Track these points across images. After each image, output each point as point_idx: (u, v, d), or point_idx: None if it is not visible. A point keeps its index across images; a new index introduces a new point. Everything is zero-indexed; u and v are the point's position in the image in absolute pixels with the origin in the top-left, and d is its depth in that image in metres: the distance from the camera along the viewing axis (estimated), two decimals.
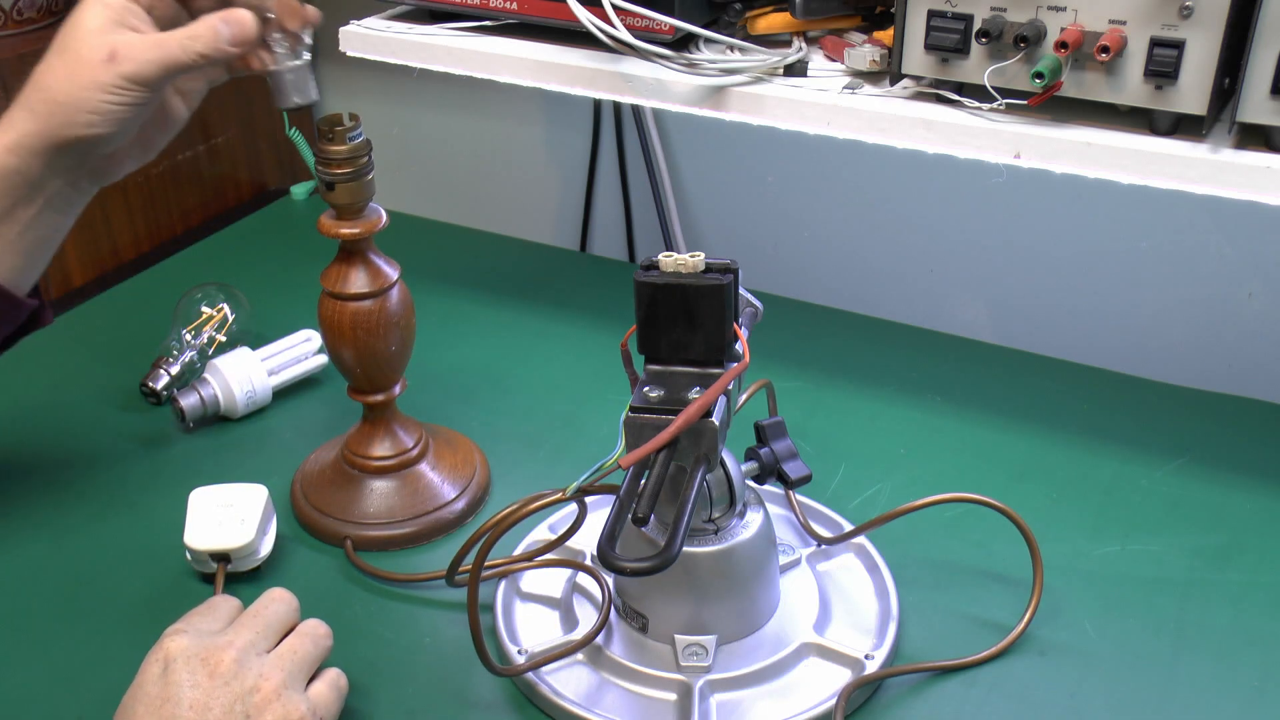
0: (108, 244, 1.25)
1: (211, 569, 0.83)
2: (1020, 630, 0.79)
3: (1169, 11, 0.72)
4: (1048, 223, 1.15)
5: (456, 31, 0.98)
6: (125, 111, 0.75)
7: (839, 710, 0.71)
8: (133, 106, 0.75)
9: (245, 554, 0.83)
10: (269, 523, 0.86)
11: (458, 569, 0.77)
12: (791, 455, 0.81)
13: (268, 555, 0.85)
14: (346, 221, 0.82)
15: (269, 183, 1.43)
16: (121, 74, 0.74)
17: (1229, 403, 1.02)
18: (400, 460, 0.90)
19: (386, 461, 0.89)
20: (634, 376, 0.72)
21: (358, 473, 0.90)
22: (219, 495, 0.85)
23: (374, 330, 0.84)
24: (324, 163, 0.80)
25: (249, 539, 0.83)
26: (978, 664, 0.77)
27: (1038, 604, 0.80)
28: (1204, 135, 0.76)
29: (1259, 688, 0.75)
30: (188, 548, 0.83)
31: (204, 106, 0.86)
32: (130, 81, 0.74)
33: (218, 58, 0.76)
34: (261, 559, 0.84)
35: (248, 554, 0.83)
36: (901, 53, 0.81)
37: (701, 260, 0.68)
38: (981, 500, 0.81)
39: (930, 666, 0.76)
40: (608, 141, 1.32)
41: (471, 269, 1.25)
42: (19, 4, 1.17)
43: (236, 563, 0.83)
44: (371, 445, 0.90)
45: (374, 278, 0.84)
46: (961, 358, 1.09)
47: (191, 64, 0.75)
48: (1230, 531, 0.88)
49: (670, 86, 0.89)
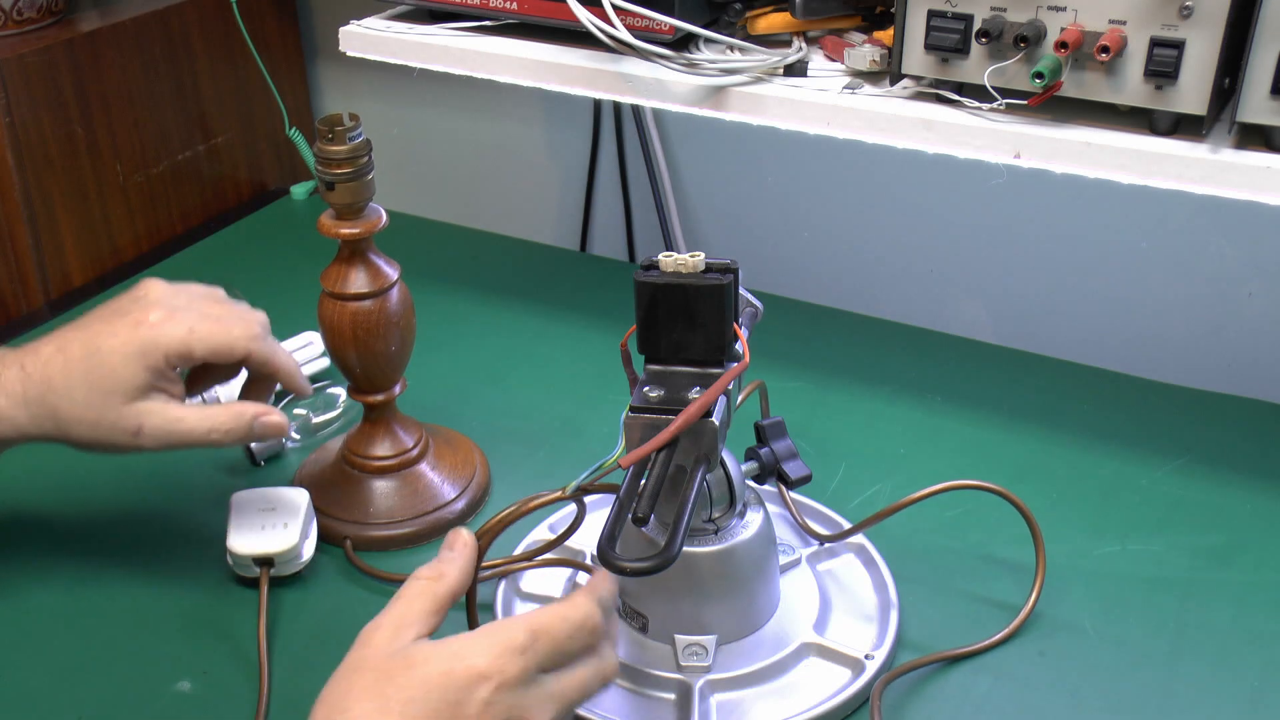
0: (108, 244, 1.25)
1: (254, 573, 0.82)
2: (1028, 611, 0.79)
3: (1169, 11, 0.72)
4: (1048, 223, 1.15)
5: (456, 31, 0.98)
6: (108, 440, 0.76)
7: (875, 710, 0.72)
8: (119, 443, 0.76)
9: (289, 558, 0.82)
10: (310, 526, 0.85)
11: None
12: (791, 455, 0.81)
13: (309, 559, 0.84)
14: (346, 221, 0.82)
15: (269, 183, 1.43)
16: (140, 447, 0.76)
17: (1229, 403, 1.02)
18: (400, 460, 0.90)
19: (386, 461, 0.89)
20: (633, 376, 0.72)
21: (358, 473, 0.90)
22: (261, 499, 0.85)
23: (374, 330, 0.84)
24: (324, 163, 0.80)
25: (292, 543, 0.82)
26: (986, 650, 0.78)
27: (1042, 584, 0.80)
28: (1204, 135, 0.76)
29: (1259, 688, 0.75)
30: (230, 552, 0.82)
31: (204, 106, 0.86)
32: (144, 450, 0.76)
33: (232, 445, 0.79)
34: (304, 563, 0.84)
35: (291, 558, 0.83)
36: (901, 53, 0.81)
37: (701, 260, 0.68)
38: (981, 486, 0.81)
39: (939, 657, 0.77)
40: (608, 141, 1.32)
41: (471, 269, 1.25)
42: (19, 4, 1.17)
43: (279, 567, 0.82)
44: (372, 445, 0.90)
45: (374, 278, 0.84)
46: (961, 358, 1.09)
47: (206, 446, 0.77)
48: (1230, 531, 0.88)
49: (670, 86, 0.89)
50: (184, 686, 0.76)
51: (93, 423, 0.75)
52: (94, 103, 1.20)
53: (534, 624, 0.60)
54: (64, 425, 0.75)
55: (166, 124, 1.28)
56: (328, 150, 0.79)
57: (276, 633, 0.80)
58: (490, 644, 0.58)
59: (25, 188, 1.15)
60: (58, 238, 1.20)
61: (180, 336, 0.76)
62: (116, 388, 0.74)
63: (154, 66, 1.25)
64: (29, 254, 1.18)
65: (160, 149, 1.28)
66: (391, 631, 0.60)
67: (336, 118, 0.80)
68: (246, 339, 0.78)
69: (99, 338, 0.76)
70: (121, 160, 1.24)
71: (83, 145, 1.20)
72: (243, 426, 0.77)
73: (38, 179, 1.16)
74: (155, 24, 1.24)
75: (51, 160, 1.17)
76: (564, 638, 0.61)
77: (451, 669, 0.57)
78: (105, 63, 1.20)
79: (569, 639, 0.61)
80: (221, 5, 1.26)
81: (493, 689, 0.57)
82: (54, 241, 1.20)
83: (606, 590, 0.64)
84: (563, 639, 0.61)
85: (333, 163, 0.79)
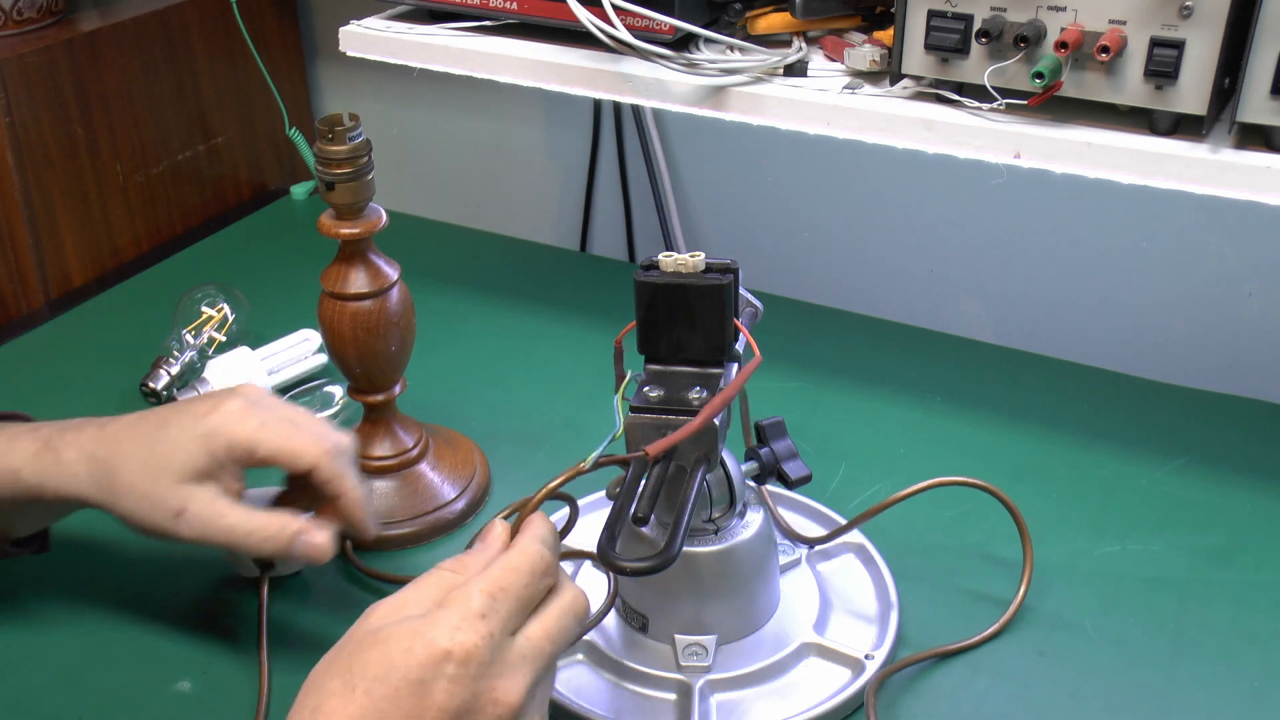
0: (108, 244, 1.25)
1: (254, 573, 0.82)
2: (1017, 604, 0.79)
3: (1169, 11, 0.72)
4: (1048, 223, 1.15)
5: (456, 31, 0.98)
6: (155, 532, 0.74)
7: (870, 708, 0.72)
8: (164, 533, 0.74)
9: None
10: None
11: None
12: (791, 455, 0.81)
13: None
14: (346, 221, 0.82)
15: (269, 183, 1.43)
16: (178, 532, 0.73)
17: (1229, 403, 1.02)
18: (400, 460, 0.90)
19: (386, 461, 0.89)
20: (621, 374, 0.72)
21: None
22: (261, 498, 0.83)
23: (374, 330, 0.84)
24: (324, 163, 0.80)
25: None
26: (979, 644, 0.78)
27: (1030, 576, 0.80)
28: (1204, 135, 0.76)
29: (1259, 688, 0.75)
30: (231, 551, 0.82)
31: (204, 106, 0.86)
32: (180, 538, 0.73)
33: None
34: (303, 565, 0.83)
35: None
36: (901, 53, 0.81)
37: (701, 260, 0.68)
38: (967, 482, 0.81)
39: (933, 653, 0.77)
40: (608, 141, 1.32)
41: (471, 269, 1.25)
42: (19, 4, 1.17)
43: (279, 567, 0.82)
44: (371, 445, 0.89)
45: (374, 278, 0.84)
46: (961, 358, 1.09)
47: (248, 552, 0.75)
48: (1230, 531, 0.88)
49: (670, 86, 0.89)
50: (184, 686, 0.76)
51: (142, 495, 0.73)
52: (94, 103, 1.20)
53: (489, 586, 0.58)
54: (116, 492, 0.73)
55: (166, 124, 1.28)
56: (328, 150, 0.79)
57: (276, 633, 0.80)
58: (448, 617, 0.57)
59: (25, 188, 1.15)
60: (58, 238, 1.20)
61: (248, 430, 0.73)
62: (173, 464, 0.72)
63: (154, 66, 1.25)
64: (29, 254, 1.18)
65: (160, 149, 1.28)
66: (388, 611, 0.59)
67: (336, 118, 0.80)
68: (317, 451, 0.74)
69: (175, 414, 0.74)
70: (121, 160, 1.24)
71: (83, 145, 1.20)
72: (284, 540, 0.73)
73: (38, 179, 1.16)
74: (155, 24, 1.24)
75: (51, 160, 1.17)
76: (522, 589, 0.59)
77: (412, 647, 0.56)
78: (105, 63, 1.20)
79: (526, 589, 0.59)
80: (221, 5, 1.26)
81: (457, 665, 0.55)
82: (54, 241, 1.20)
83: (544, 527, 0.63)
84: (521, 591, 0.59)
85: (333, 163, 0.79)
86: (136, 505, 0.73)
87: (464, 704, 0.56)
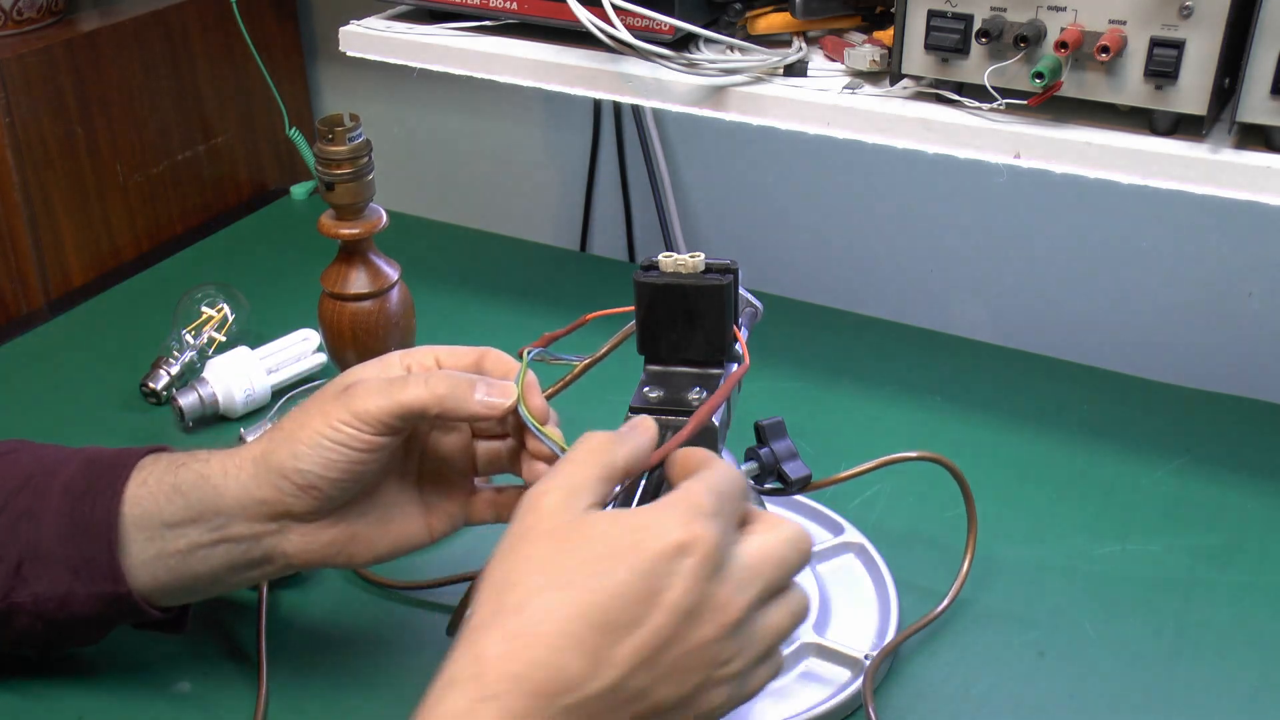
0: (108, 244, 1.25)
1: None
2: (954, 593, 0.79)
3: (1169, 11, 0.72)
4: (1048, 223, 1.15)
5: (456, 31, 0.98)
6: (337, 453, 0.64)
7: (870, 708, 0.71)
8: (349, 450, 0.64)
9: None
10: None
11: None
12: (791, 455, 0.81)
13: None
14: (346, 222, 0.82)
15: (269, 183, 1.43)
16: (352, 409, 0.64)
17: (1229, 403, 1.02)
18: None
19: None
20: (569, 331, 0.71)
21: None
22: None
23: (374, 331, 0.84)
24: (324, 163, 0.80)
25: None
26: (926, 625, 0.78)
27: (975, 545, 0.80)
28: (1204, 135, 0.76)
29: (1259, 688, 0.75)
30: None
31: (204, 106, 0.85)
32: (356, 418, 0.64)
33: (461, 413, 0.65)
34: None
35: None
36: (901, 53, 0.81)
37: (701, 260, 0.68)
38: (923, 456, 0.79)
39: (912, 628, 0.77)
40: (608, 141, 1.32)
41: (471, 269, 1.25)
42: (19, 4, 1.17)
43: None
44: None
45: (374, 278, 0.84)
46: (961, 358, 1.09)
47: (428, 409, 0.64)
48: (1230, 531, 0.88)
49: (670, 86, 0.89)
50: (184, 687, 0.76)
51: (306, 406, 0.65)
52: (94, 103, 1.20)
53: (709, 485, 0.54)
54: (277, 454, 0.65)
55: (166, 124, 1.28)
56: (328, 150, 0.79)
57: (276, 633, 0.80)
58: (675, 511, 0.52)
59: (25, 188, 1.15)
60: (58, 238, 1.20)
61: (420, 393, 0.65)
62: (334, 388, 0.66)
63: (154, 66, 1.25)
64: (29, 254, 1.18)
65: (160, 149, 1.28)
66: (563, 496, 0.53)
67: (336, 118, 0.80)
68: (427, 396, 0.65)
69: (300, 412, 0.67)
70: (121, 160, 1.24)
71: (83, 145, 1.20)
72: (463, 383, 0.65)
73: (38, 179, 1.16)
74: (155, 24, 1.24)
75: (51, 160, 1.17)
76: (739, 498, 0.55)
77: (641, 541, 0.51)
78: (105, 63, 1.20)
79: (743, 499, 0.56)
80: (221, 5, 1.26)
81: (695, 560, 0.51)
82: (54, 241, 1.20)
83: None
84: (739, 501, 0.55)
85: (333, 163, 0.79)
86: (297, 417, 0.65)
87: (694, 604, 0.51)
